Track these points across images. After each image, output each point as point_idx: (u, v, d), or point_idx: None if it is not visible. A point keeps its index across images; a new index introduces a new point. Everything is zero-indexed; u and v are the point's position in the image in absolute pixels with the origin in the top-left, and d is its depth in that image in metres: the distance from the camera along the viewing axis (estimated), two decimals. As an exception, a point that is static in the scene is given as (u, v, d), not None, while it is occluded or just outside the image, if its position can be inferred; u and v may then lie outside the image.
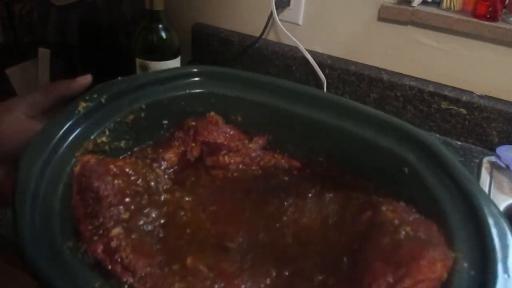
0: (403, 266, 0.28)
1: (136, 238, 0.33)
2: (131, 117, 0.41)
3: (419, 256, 0.28)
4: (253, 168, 0.42)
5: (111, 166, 0.36)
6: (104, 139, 0.39)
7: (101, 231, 0.32)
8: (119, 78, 0.42)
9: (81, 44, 0.86)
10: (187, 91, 0.44)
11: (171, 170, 0.41)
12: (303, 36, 0.92)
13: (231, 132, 0.44)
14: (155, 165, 0.40)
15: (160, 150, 0.42)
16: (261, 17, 0.92)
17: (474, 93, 0.81)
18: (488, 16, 0.76)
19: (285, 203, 0.37)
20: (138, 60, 0.75)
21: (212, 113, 0.45)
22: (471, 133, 0.83)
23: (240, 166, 0.42)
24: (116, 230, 0.33)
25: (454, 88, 0.82)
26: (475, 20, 0.76)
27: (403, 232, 0.30)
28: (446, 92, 0.82)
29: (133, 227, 0.34)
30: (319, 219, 0.36)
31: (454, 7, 0.79)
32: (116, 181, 0.35)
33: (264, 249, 0.34)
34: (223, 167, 0.41)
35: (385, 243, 0.30)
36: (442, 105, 0.83)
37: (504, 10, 0.77)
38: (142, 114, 0.42)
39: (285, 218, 0.37)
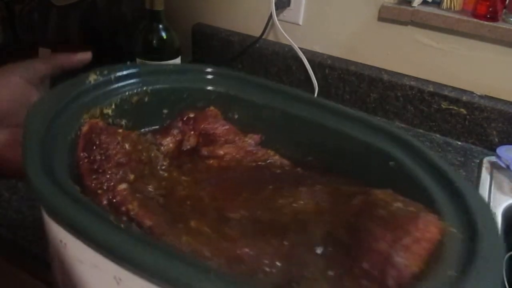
0: (401, 228, 0.30)
1: (141, 197, 0.34)
2: (136, 98, 0.43)
3: (416, 219, 0.31)
4: (247, 160, 0.43)
5: (120, 131, 0.38)
6: (109, 111, 0.41)
7: (105, 186, 0.34)
8: (128, 62, 0.45)
9: (81, 44, 0.86)
10: (191, 85, 0.46)
11: (168, 156, 0.43)
12: (303, 36, 0.92)
13: (228, 127, 0.46)
14: (154, 147, 0.42)
15: (158, 136, 0.44)
16: (261, 18, 0.92)
17: (474, 93, 0.81)
18: (488, 16, 0.76)
19: (280, 189, 0.39)
20: (138, 61, 0.75)
21: (212, 107, 0.47)
22: (471, 133, 0.83)
23: (235, 157, 0.43)
24: (122, 186, 0.34)
25: (454, 88, 0.82)
26: (475, 20, 0.76)
27: (396, 205, 0.33)
28: (446, 92, 0.82)
29: (137, 189, 0.35)
30: (312, 204, 0.38)
31: (454, 7, 0.79)
32: (124, 144, 0.37)
33: (263, 224, 0.35)
34: (218, 157, 0.43)
35: (380, 213, 0.32)
36: (442, 105, 0.83)
37: (504, 10, 0.77)
38: (146, 99, 0.44)
39: (281, 201, 0.38)
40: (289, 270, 0.32)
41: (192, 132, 0.45)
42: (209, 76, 0.47)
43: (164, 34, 0.74)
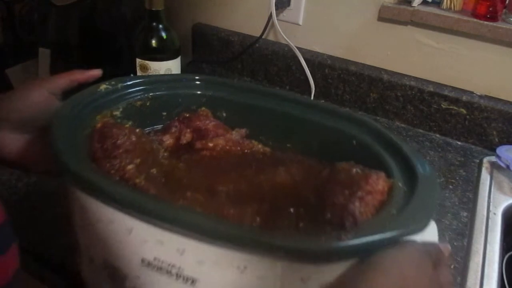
0: (356, 185, 0.38)
1: (145, 176, 0.41)
2: (139, 103, 0.52)
3: (367, 177, 0.39)
4: (234, 149, 0.51)
5: (127, 126, 0.47)
6: (118, 113, 0.49)
7: (116, 167, 0.41)
8: (132, 75, 0.55)
9: (81, 44, 0.86)
10: (184, 91, 0.55)
11: (168, 149, 0.51)
12: (303, 36, 0.92)
13: (218, 123, 0.53)
14: (156, 142, 0.50)
15: (159, 134, 0.52)
16: (261, 17, 0.92)
17: (474, 93, 0.81)
18: (488, 16, 0.76)
19: (262, 169, 0.47)
20: (138, 61, 0.75)
21: (203, 108, 0.55)
22: (471, 133, 0.83)
23: (224, 148, 0.51)
24: (130, 166, 0.42)
25: (454, 88, 0.82)
26: (475, 20, 0.76)
27: (354, 170, 0.40)
28: (446, 92, 0.82)
29: (142, 170, 0.42)
30: (288, 178, 0.46)
31: (454, 7, 0.79)
32: (131, 136, 0.45)
33: (246, 193, 0.43)
34: (210, 148, 0.50)
35: (341, 177, 0.40)
36: (442, 105, 0.83)
37: (504, 10, 0.77)
38: (148, 103, 0.52)
39: (262, 176, 0.46)
40: (266, 223, 0.39)
41: (188, 129, 0.52)
42: (199, 83, 0.56)
43: (164, 34, 0.74)
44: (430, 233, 0.38)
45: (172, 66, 0.75)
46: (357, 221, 0.36)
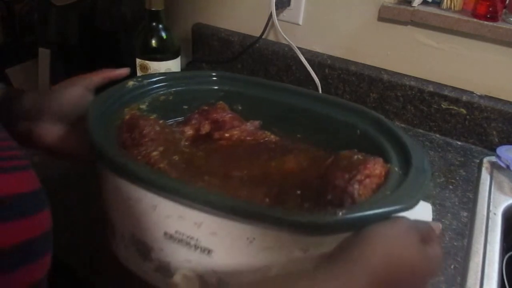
0: (356, 169, 0.42)
1: (168, 162, 0.46)
2: (163, 97, 0.57)
3: (366, 162, 0.43)
4: (249, 139, 0.56)
5: (152, 117, 0.52)
6: (144, 106, 0.54)
7: (143, 154, 0.46)
8: (157, 73, 0.64)
9: (81, 44, 0.86)
10: (203, 86, 0.60)
11: (189, 139, 0.55)
12: (303, 36, 0.92)
13: (234, 115, 0.58)
14: (178, 132, 0.55)
15: (181, 125, 0.57)
16: (261, 17, 0.92)
17: (474, 93, 0.81)
18: (488, 16, 0.76)
19: (273, 157, 0.53)
20: (138, 61, 0.75)
21: (221, 102, 0.59)
22: (471, 133, 0.83)
23: (239, 138, 0.56)
24: (155, 153, 0.47)
25: (454, 88, 0.82)
26: (475, 20, 0.76)
27: (356, 157, 0.45)
28: (446, 92, 0.82)
29: (165, 157, 0.47)
30: (296, 165, 0.51)
31: (454, 7, 0.79)
32: (155, 126, 0.50)
33: (258, 178, 0.49)
34: (226, 139, 0.55)
35: (343, 163, 0.45)
36: (442, 105, 0.83)
37: (504, 10, 0.77)
38: (170, 97, 0.57)
39: (272, 163, 0.51)
40: (274, 203, 0.44)
41: (206, 121, 0.57)
42: (217, 79, 0.61)
43: (163, 34, 0.74)
44: (425, 213, 0.44)
45: (172, 66, 0.75)
46: (355, 201, 0.40)
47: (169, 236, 0.42)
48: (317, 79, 0.90)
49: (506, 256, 0.69)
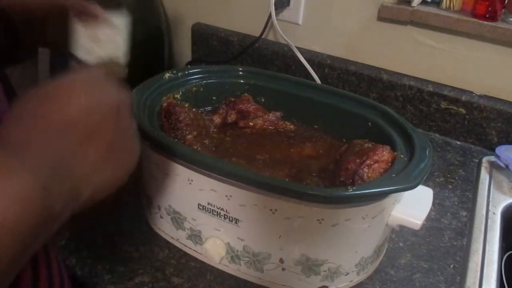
0: (366, 155, 0.49)
1: (200, 145, 0.53)
2: (195, 88, 0.64)
3: (375, 149, 0.50)
4: (271, 128, 0.64)
5: (186, 105, 0.58)
6: (178, 96, 0.61)
7: (179, 137, 0.53)
8: (188, 66, 0.71)
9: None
10: (230, 80, 0.67)
11: (217, 127, 0.62)
12: (302, 36, 0.92)
13: (257, 107, 0.64)
14: (207, 120, 0.62)
15: (210, 114, 0.64)
16: (260, 17, 0.92)
17: (474, 93, 0.81)
18: (487, 16, 0.76)
19: (292, 144, 0.60)
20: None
21: (246, 94, 0.66)
22: (471, 133, 0.83)
23: (262, 127, 0.63)
24: (189, 136, 0.54)
25: (453, 88, 0.82)
26: (474, 20, 0.76)
27: (367, 145, 0.52)
28: (445, 92, 0.82)
29: (198, 140, 0.54)
30: (314, 151, 0.59)
31: (453, 7, 0.79)
32: (190, 113, 0.56)
33: (279, 161, 0.56)
34: (251, 127, 0.63)
35: (356, 150, 0.51)
36: (441, 105, 0.83)
37: (503, 10, 0.77)
38: (201, 89, 0.64)
39: (292, 150, 0.59)
40: (294, 183, 0.50)
41: (233, 111, 0.64)
42: (243, 73, 0.67)
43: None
44: (426, 198, 0.50)
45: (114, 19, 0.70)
46: (364, 182, 0.47)
47: (202, 207, 0.49)
48: (317, 79, 0.91)
49: (505, 256, 0.69)
